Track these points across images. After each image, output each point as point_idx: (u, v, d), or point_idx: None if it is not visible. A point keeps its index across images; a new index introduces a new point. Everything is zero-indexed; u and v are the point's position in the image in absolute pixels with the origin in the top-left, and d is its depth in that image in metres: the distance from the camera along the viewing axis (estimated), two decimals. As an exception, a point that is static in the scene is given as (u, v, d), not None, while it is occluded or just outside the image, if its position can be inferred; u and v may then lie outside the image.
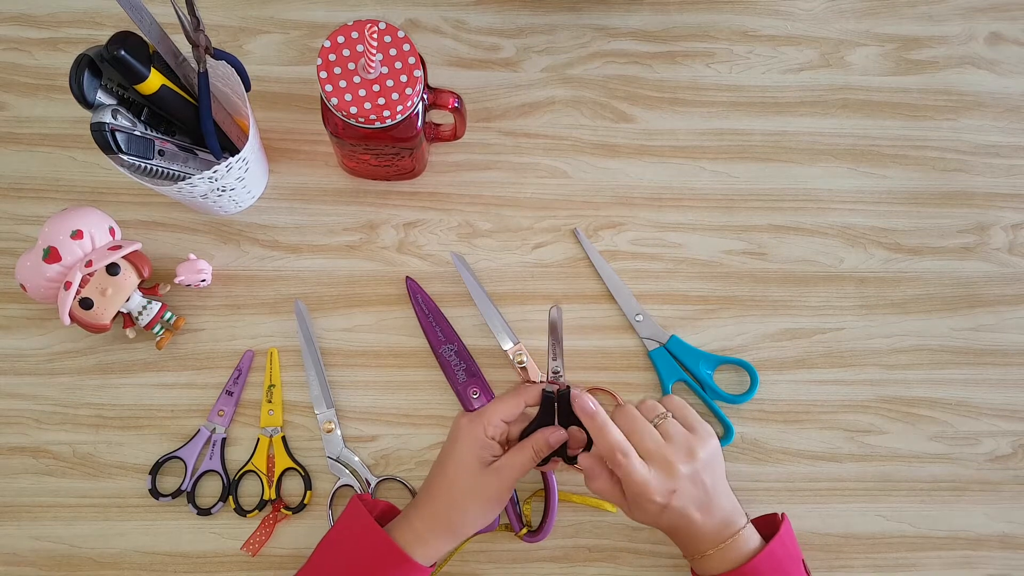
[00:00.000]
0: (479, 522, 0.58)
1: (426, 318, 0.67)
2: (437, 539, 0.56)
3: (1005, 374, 0.70)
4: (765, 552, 0.56)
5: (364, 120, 0.57)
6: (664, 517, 0.56)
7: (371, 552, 0.55)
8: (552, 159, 0.72)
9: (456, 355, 0.66)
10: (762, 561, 0.55)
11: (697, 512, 0.55)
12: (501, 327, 0.67)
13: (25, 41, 0.72)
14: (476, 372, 0.66)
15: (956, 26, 0.77)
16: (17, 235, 0.68)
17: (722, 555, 0.56)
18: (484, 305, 0.68)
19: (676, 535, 0.58)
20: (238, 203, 0.68)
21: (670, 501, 0.55)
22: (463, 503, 0.57)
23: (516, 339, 0.67)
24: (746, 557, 0.56)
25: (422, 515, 0.57)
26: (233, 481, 0.64)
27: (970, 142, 0.75)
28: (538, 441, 0.57)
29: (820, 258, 0.71)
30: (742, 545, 0.56)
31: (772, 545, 0.56)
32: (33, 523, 0.63)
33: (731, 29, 0.76)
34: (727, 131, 0.74)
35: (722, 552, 0.56)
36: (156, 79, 0.57)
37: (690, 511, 0.55)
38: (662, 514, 0.55)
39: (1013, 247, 0.72)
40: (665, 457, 0.55)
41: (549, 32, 0.75)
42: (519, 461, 0.57)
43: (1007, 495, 0.67)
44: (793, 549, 0.58)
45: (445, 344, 0.67)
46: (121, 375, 0.66)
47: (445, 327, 0.67)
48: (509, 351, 0.67)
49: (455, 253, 0.69)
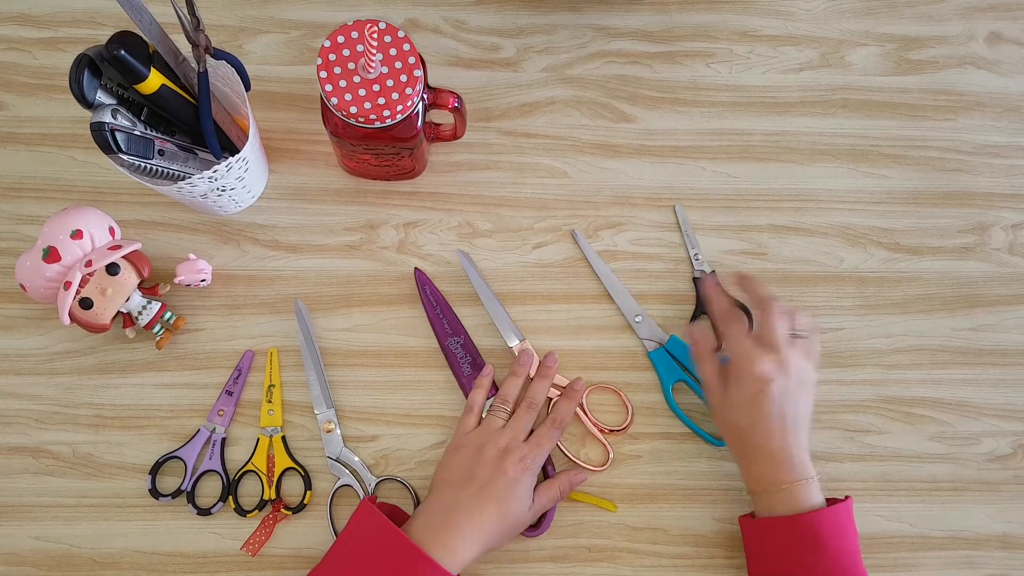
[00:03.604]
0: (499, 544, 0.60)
1: (433, 310, 0.67)
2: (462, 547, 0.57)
3: (1005, 374, 0.70)
4: (831, 510, 0.57)
5: (364, 120, 0.57)
6: (755, 408, 0.58)
7: (392, 555, 0.55)
8: (552, 159, 0.72)
9: (462, 347, 0.67)
10: (826, 517, 0.56)
11: (783, 425, 0.57)
12: (507, 324, 0.67)
13: (25, 41, 0.72)
14: (481, 365, 0.67)
15: (956, 26, 0.77)
16: (17, 235, 0.68)
17: (792, 494, 0.57)
18: (490, 302, 0.68)
19: (751, 452, 0.59)
20: (238, 203, 0.68)
21: (768, 386, 0.57)
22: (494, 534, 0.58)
23: (521, 336, 0.67)
24: (812, 507, 0.57)
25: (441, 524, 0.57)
26: (233, 481, 0.64)
27: (970, 142, 0.75)
28: (563, 483, 0.63)
29: (820, 258, 0.71)
30: (810, 494, 0.57)
31: (838, 507, 0.57)
32: (33, 523, 0.63)
33: (731, 29, 0.76)
34: (727, 131, 0.74)
35: (793, 491, 0.57)
36: (156, 79, 0.57)
37: (780, 416, 0.57)
38: (754, 402, 0.58)
39: (1013, 247, 0.72)
40: (778, 346, 0.59)
41: (549, 32, 0.75)
42: (548, 498, 0.62)
43: (1007, 495, 0.67)
44: (852, 527, 0.58)
45: (451, 337, 0.67)
46: (121, 375, 0.66)
47: (452, 319, 0.67)
48: (515, 348, 0.67)
49: (461, 251, 0.69)
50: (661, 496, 0.66)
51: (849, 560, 0.56)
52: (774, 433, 0.58)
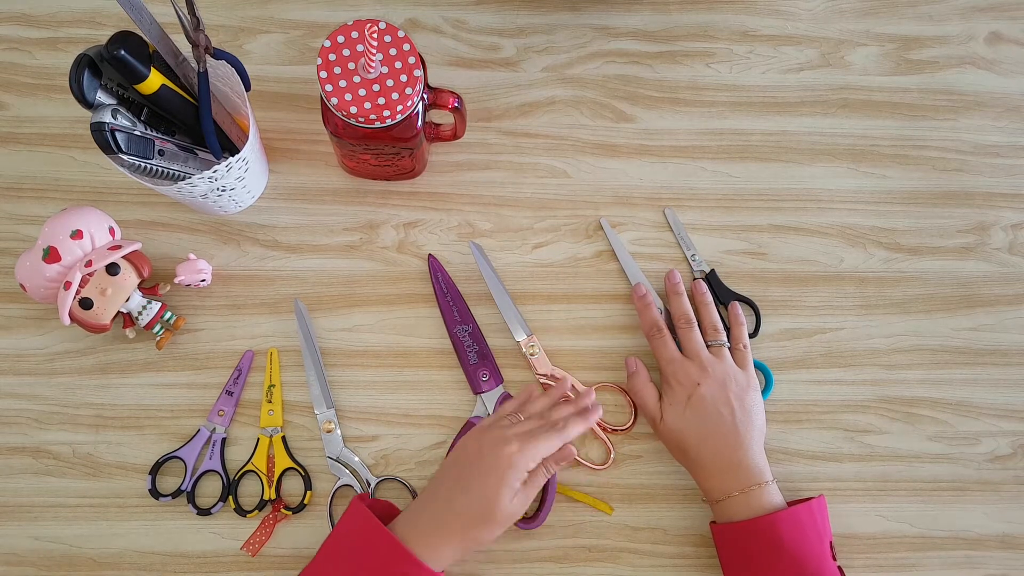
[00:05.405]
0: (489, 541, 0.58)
1: (444, 297, 0.67)
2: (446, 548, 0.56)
3: (1005, 374, 0.70)
4: (789, 512, 0.56)
5: (364, 120, 0.57)
6: (692, 414, 0.59)
7: (379, 554, 0.55)
8: (552, 159, 0.72)
9: (470, 336, 0.67)
10: (783, 519, 0.56)
11: (724, 430, 0.58)
12: (515, 318, 0.67)
13: (25, 41, 0.72)
14: (488, 355, 0.67)
15: (956, 26, 0.77)
16: (17, 235, 0.68)
17: (746, 501, 0.57)
18: (500, 296, 0.68)
19: (699, 461, 0.60)
20: (238, 203, 0.68)
21: (696, 389, 0.59)
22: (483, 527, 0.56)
23: (529, 331, 0.67)
24: (768, 510, 0.56)
25: (429, 523, 0.56)
26: (233, 481, 0.64)
27: (970, 142, 0.75)
28: (548, 462, 0.57)
29: (820, 258, 0.71)
30: (766, 498, 0.57)
31: (798, 508, 0.57)
32: (33, 523, 0.63)
33: (731, 29, 0.76)
34: (727, 131, 0.74)
35: (746, 498, 0.57)
36: (156, 79, 0.57)
37: (719, 419, 0.58)
38: (689, 407, 0.59)
39: (1013, 247, 0.72)
40: (700, 356, 0.63)
41: (549, 32, 0.75)
42: (536, 483, 0.58)
43: (1007, 495, 0.67)
44: (822, 525, 0.58)
45: (460, 325, 0.67)
46: (121, 375, 0.66)
47: (462, 307, 0.67)
48: (522, 343, 0.67)
49: (474, 243, 0.69)
50: (661, 496, 0.66)
51: (813, 560, 0.56)
52: (716, 438, 0.59)
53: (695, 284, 0.68)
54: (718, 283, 0.69)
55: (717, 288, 0.69)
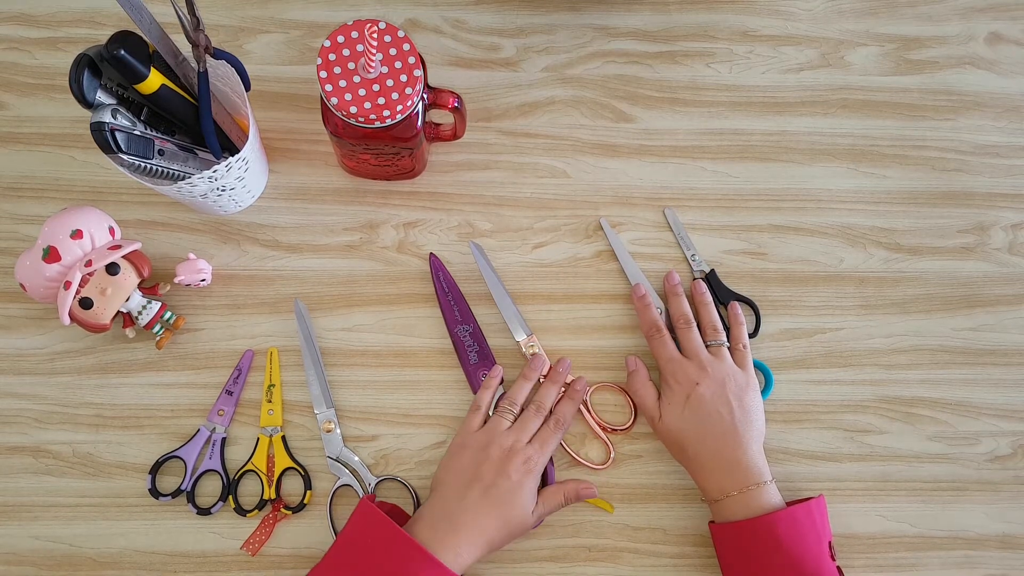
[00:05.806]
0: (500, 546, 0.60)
1: (445, 296, 0.67)
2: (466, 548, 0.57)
3: (1005, 374, 0.70)
4: (787, 512, 0.56)
5: (364, 120, 0.57)
6: (690, 413, 0.59)
7: (395, 555, 0.54)
8: (552, 159, 0.72)
9: (471, 336, 0.67)
10: (781, 519, 0.56)
11: (723, 429, 0.58)
12: (515, 318, 0.67)
13: (25, 41, 0.72)
14: (488, 355, 0.67)
15: (956, 26, 0.77)
16: (17, 235, 0.68)
17: (744, 501, 0.57)
18: (500, 296, 0.68)
19: (697, 461, 0.60)
20: (238, 203, 0.68)
21: (695, 389, 0.60)
22: (496, 537, 0.58)
23: (529, 331, 0.67)
24: (766, 510, 0.56)
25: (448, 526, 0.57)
26: (233, 481, 0.64)
27: (970, 142, 0.75)
28: (570, 492, 0.62)
29: (820, 258, 0.71)
30: (765, 498, 0.57)
31: (796, 508, 0.57)
32: (33, 523, 0.63)
33: (731, 29, 0.76)
34: (727, 131, 0.74)
35: (744, 498, 0.57)
36: (156, 79, 0.57)
37: (718, 418, 0.58)
38: (688, 407, 0.59)
39: (1013, 247, 0.72)
40: (699, 355, 0.63)
41: (549, 32, 0.75)
42: (554, 504, 0.62)
43: (1007, 495, 0.67)
44: (821, 525, 0.58)
45: (461, 324, 0.67)
46: (121, 375, 0.66)
47: (463, 307, 0.67)
48: (522, 343, 0.67)
49: (474, 243, 0.69)
50: (661, 496, 0.66)
51: (811, 560, 0.56)
52: (715, 438, 0.59)
53: (694, 284, 0.68)
54: (718, 283, 0.69)
55: (717, 288, 0.69)
